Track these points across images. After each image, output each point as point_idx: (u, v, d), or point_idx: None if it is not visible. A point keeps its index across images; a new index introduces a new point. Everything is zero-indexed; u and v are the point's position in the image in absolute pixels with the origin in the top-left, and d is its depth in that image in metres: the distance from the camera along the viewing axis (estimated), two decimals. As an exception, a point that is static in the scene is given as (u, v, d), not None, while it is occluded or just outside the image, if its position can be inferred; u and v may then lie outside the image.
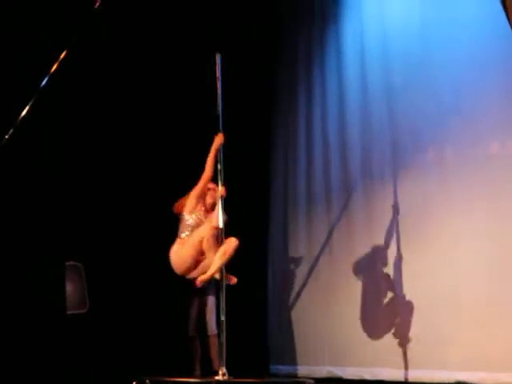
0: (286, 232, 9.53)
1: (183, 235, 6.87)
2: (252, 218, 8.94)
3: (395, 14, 8.63)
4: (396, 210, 8.21)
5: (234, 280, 6.98)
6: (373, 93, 8.74)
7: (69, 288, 8.15)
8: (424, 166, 8.06)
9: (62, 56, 6.28)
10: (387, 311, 8.15)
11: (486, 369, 7.23)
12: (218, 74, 7.07)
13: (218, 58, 7.10)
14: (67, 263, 8.19)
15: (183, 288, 8.52)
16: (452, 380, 7.47)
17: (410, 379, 7.87)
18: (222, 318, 6.79)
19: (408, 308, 7.96)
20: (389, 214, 8.27)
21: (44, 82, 6.27)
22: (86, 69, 8.21)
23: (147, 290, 8.51)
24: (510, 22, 5.44)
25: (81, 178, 8.33)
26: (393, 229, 8.22)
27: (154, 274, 8.55)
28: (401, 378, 7.93)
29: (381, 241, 8.37)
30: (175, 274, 8.58)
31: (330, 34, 9.39)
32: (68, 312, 8.05)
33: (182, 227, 6.95)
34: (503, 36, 6.37)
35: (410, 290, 8.00)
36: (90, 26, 6.60)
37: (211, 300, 8.05)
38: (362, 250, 8.57)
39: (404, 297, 8.03)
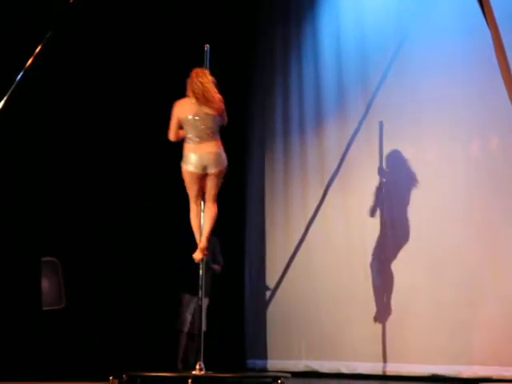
0: (263, 228, 9.55)
1: None
2: (228, 215, 8.89)
3: (372, 10, 8.66)
4: (374, 208, 8.24)
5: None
6: (349, 90, 8.78)
7: (45, 284, 8.11)
8: (402, 163, 8.08)
9: (37, 51, 6.26)
10: (364, 305, 8.16)
11: (463, 362, 7.28)
12: (207, 65, 7.07)
13: (206, 49, 7.10)
14: (43, 259, 8.15)
15: (160, 284, 8.57)
16: (429, 373, 7.51)
17: (387, 372, 7.91)
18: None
19: (385, 302, 8.00)
20: (367, 210, 8.29)
21: (19, 78, 6.24)
22: (65, 62, 8.20)
23: (124, 285, 8.49)
24: (485, 18, 5.47)
25: (57, 173, 8.29)
26: (371, 224, 8.25)
27: (131, 270, 8.55)
28: (378, 372, 7.97)
29: (358, 234, 8.41)
30: (153, 269, 8.64)
31: (306, 30, 9.40)
32: (44, 308, 8.01)
33: None
34: (480, 32, 6.38)
35: (386, 284, 8.03)
36: (65, 21, 6.58)
37: (207, 298, 7.94)
38: (339, 245, 8.60)
39: (381, 291, 8.06)
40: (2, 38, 7.62)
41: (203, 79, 6.64)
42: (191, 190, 6.73)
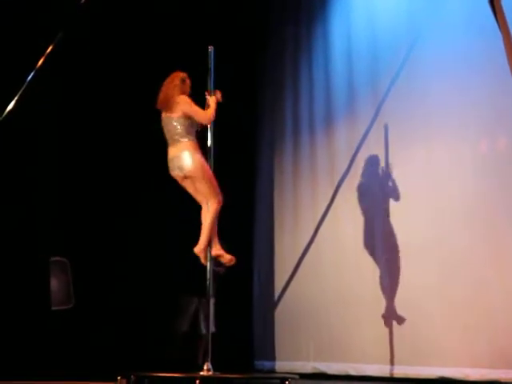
0: (272, 229, 9.55)
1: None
2: (237, 216, 8.90)
3: (383, 10, 8.64)
4: (384, 210, 8.24)
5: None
6: (360, 91, 8.75)
7: (54, 284, 8.12)
8: (412, 164, 8.07)
9: (48, 51, 6.28)
10: (372, 307, 8.15)
11: (471, 365, 7.26)
12: (211, 67, 7.06)
13: (210, 51, 7.10)
14: (52, 259, 8.17)
15: (168, 285, 8.57)
16: (436, 376, 7.49)
17: (395, 375, 7.89)
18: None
19: (393, 304, 7.98)
20: (376, 212, 8.32)
21: (30, 77, 6.27)
22: (74, 63, 8.22)
23: (133, 285, 8.49)
24: (496, 18, 5.46)
25: (66, 174, 8.31)
26: (380, 226, 8.25)
27: (139, 270, 8.55)
28: (386, 374, 7.95)
29: (368, 238, 8.38)
30: (160, 270, 8.63)
31: (317, 29, 9.39)
32: (53, 308, 8.03)
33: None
34: (491, 34, 6.38)
35: (395, 286, 8.01)
36: (75, 22, 6.60)
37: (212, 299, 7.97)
38: (348, 246, 8.59)
39: (389, 293, 8.04)
40: (13, 38, 7.66)
41: (169, 85, 6.70)
42: (189, 192, 6.78)
